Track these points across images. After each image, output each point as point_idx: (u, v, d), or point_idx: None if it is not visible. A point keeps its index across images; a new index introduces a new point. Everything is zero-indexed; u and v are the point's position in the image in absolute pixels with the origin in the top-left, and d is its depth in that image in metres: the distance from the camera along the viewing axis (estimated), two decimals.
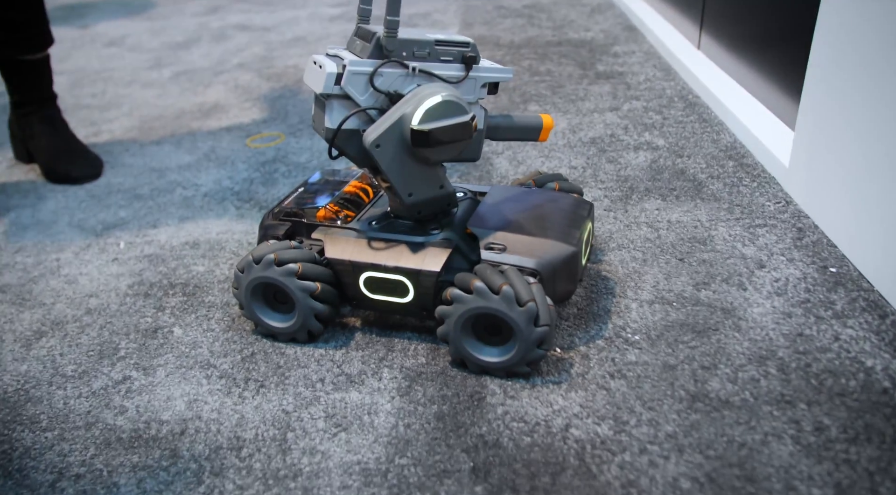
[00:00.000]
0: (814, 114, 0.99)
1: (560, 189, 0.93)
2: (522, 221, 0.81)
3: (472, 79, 0.77)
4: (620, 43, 1.85)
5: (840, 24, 0.91)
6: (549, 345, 0.74)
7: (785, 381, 0.72)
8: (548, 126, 0.84)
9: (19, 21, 1.24)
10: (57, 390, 0.80)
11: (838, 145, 0.92)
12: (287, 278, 0.79)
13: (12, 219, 1.20)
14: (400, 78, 0.75)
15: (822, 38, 0.96)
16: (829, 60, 0.94)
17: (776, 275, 0.89)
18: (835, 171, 0.93)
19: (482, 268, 0.74)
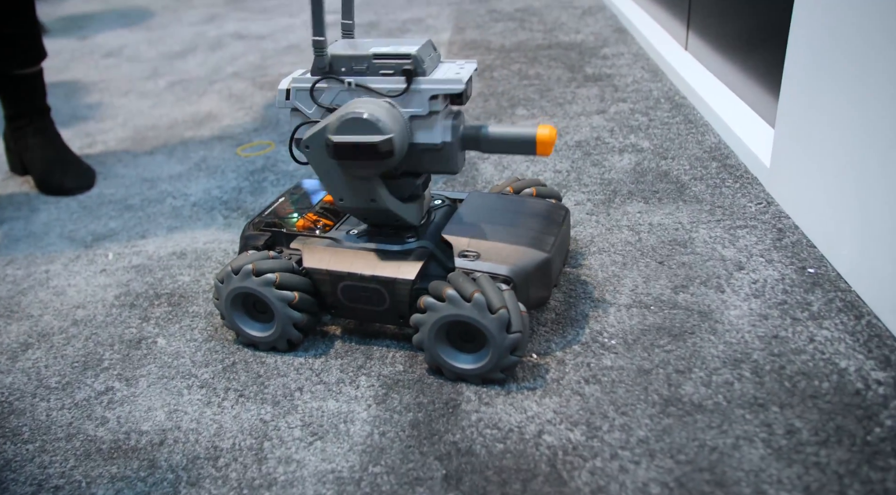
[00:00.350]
0: (792, 112, 0.99)
1: (538, 195, 0.93)
2: (497, 228, 0.82)
3: (417, 92, 0.76)
4: (610, 45, 1.85)
5: (814, 20, 0.91)
6: (523, 351, 0.74)
7: (758, 384, 0.73)
8: (544, 140, 0.76)
9: (12, 36, 1.26)
10: (40, 402, 0.81)
11: (817, 144, 0.92)
12: (265, 288, 0.80)
13: (5, 231, 1.21)
14: (341, 92, 0.77)
15: (798, 34, 0.96)
16: (805, 57, 0.94)
17: (754, 277, 0.89)
18: (814, 171, 0.93)
19: (455, 276, 0.75)
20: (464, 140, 0.79)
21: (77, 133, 1.63)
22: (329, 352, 0.84)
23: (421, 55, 0.75)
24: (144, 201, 1.26)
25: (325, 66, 0.77)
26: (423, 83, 0.75)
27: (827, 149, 0.90)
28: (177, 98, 1.81)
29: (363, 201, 0.80)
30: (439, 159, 0.79)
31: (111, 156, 1.48)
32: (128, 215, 1.22)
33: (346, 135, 0.74)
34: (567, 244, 0.88)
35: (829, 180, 0.90)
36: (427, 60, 0.76)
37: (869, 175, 0.81)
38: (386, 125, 0.73)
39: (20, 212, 1.27)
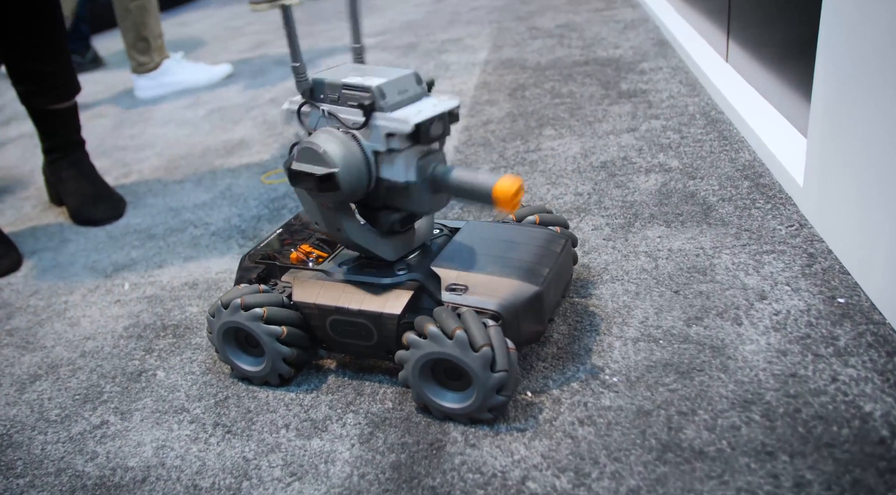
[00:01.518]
0: (825, 125, 0.91)
1: (542, 222, 0.89)
2: (489, 259, 0.78)
3: (376, 127, 0.73)
4: (649, 59, 1.79)
5: (843, 33, 0.84)
6: (510, 390, 0.70)
7: (769, 429, 0.66)
8: (501, 194, 0.70)
9: (46, 73, 1.31)
10: (38, 435, 0.82)
11: (852, 159, 0.85)
12: (253, 323, 0.79)
13: (35, 261, 1.25)
14: (320, 118, 0.77)
15: (828, 45, 0.89)
16: (838, 66, 0.87)
17: (777, 308, 0.82)
18: (849, 189, 0.86)
19: (439, 312, 0.72)
20: (433, 181, 0.75)
21: (116, 163, 1.68)
22: (321, 387, 0.82)
23: (384, 89, 0.72)
24: (167, 230, 1.28)
25: (305, 92, 0.77)
26: (379, 119, 0.73)
27: (862, 164, 0.82)
28: (213, 126, 1.84)
29: (332, 230, 0.79)
30: (407, 198, 0.76)
31: (143, 185, 1.51)
32: (149, 244, 1.24)
33: (301, 163, 0.74)
34: (568, 274, 0.84)
35: (864, 199, 0.82)
36: (394, 95, 0.73)
37: None
38: (332, 159, 0.72)
39: (52, 243, 1.31)
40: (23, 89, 1.31)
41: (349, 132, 0.74)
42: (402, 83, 0.74)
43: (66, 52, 1.34)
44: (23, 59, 1.28)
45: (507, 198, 0.70)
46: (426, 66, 2.07)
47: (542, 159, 1.32)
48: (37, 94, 1.31)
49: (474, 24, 2.53)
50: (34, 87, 1.30)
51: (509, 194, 0.70)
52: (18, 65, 1.29)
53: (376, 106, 0.73)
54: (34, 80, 1.30)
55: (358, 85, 0.74)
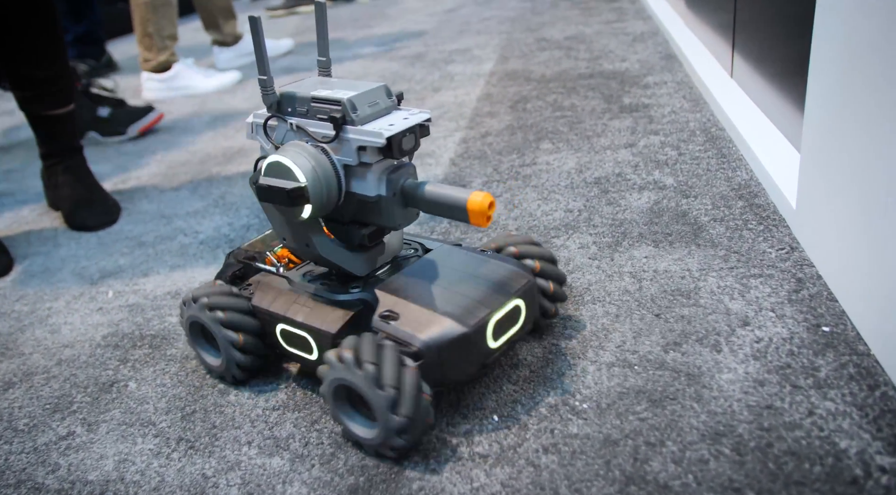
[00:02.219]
0: (819, 146, 0.89)
1: (521, 255, 0.83)
2: (435, 290, 0.75)
3: (346, 141, 0.72)
4: (655, 73, 1.77)
5: (835, 50, 0.82)
6: (413, 437, 0.67)
7: (738, 464, 0.64)
8: (475, 207, 0.68)
9: (43, 78, 1.32)
10: (3, 444, 0.81)
11: (846, 183, 0.82)
12: (214, 324, 0.81)
13: (25, 266, 1.25)
14: (288, 132, 0.76)
15: (819, 61, 0.86)
16: (832, 78, 0.84)
17: (759, 335, 0.79)
18: (841, 213, 0.83)
19: (363, 338, 0.69)
20: (404, 195, 0.74)
21: (116, 168, 1.68)
22: (289, 404, 0.80)
23: (355, 102, 0.71)
24: (157, 238, 1.28)
25: (272, 105, 0.76)
26: (350, 133, 0.71)
27: (855, 188, 0.79)
28: (215, 133, 1.85)
29: (300, 245, 0.77)
30: (377, 212, 0.75)
31: (140, 191, 1.51)
32: (138, 252, 1.24)
33: (269, 178, 0.72)
34: (528, 315, 0.77)
35: (855, 224, 0.79)
36: (365, 108, 0.72)
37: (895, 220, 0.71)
38: (301, 173, 0.71)
39: (44, 247, 1.31)
40: (20, 95, 1.32)
41: (318, 145, 0.73)
42: (372, 96, 0.73)
43: (63, 58, 1.34)
44: (20, 64, 1.28)
45: (480, 213, 0.68)
46: (431, 76, 2.07)
47: (535, 174, 1.30)
48: (34, 100, 1.32)
49: (484, 34, 2.52)
50: (31, 93, 1.31)
51: (482, 209, 0.68)
52: (16, 70, 1.29)
53: (347, 119, 0.71)
54: (31, 85, 1.31)
55: (328, 98, 0.72)
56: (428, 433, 0.72)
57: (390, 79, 2.11)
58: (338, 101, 0.71)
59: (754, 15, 1.37)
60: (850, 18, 0.77)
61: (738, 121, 1.32)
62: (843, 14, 0.79)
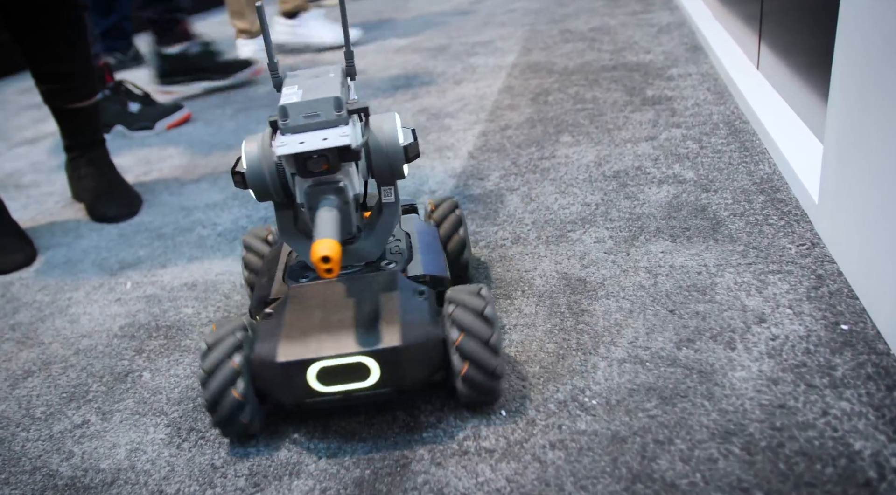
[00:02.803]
0: (842, 140, 0.86)
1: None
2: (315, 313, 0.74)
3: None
4: (679, 65, 1.74)
5: (860, 43, 0.79)
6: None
7: (747, 464, 0.62)
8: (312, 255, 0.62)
9: (67, 72, 1.34)
10: (21, 432, 0.83)
11: (870, 178, 0.80)
12: None
13: (48, 257, 1.28)
14: None
15: (844, 49, 0.84)
16: (856, 70, 0.82)
17: (775, 333, 0.78)
18: (864, 209, 0.80)
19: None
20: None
21: (140, 160, 1.71)
22: None
23: (289, 110, 0.70)
24: (176, 230, 1.29)
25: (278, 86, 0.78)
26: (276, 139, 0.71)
27: (879, 183, 0.77)
28: (238, 125, 1.86)
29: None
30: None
31: (161, 183, 1.53)
32: (157, 244, 1.25)
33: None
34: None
35: (878, 220, 0.77)
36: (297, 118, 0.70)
37: None
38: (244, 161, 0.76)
39: (66, 239, 1.34)
40: (44, 88, 1.34)
41: None
42: (315, 107, 0.70)
43: (86, 52, 1.36)
44: (44, 59, 1.30)
45: (315, 260, 0.62)
46: (453, 68, 2.06)
47: (554, 167, 1.29)
48: (57, 94, 1.34)
49: (508, 26, 2.50)
50: (55, 87, 1.33)
51: (315, 257, 0.62)
52: (40, 65, 1.31)
53: (279, 125, 0.71)
54: (55, 79, 1.32)
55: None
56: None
57: (412, 71, 2.10)
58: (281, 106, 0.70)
59: (782, 5, 1.34)
60: (876, 7, 0.75)
61: (762, 113, 1.29)
62: (868, 3, 0.77)
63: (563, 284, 0.93)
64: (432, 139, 1.53)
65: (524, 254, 1.02)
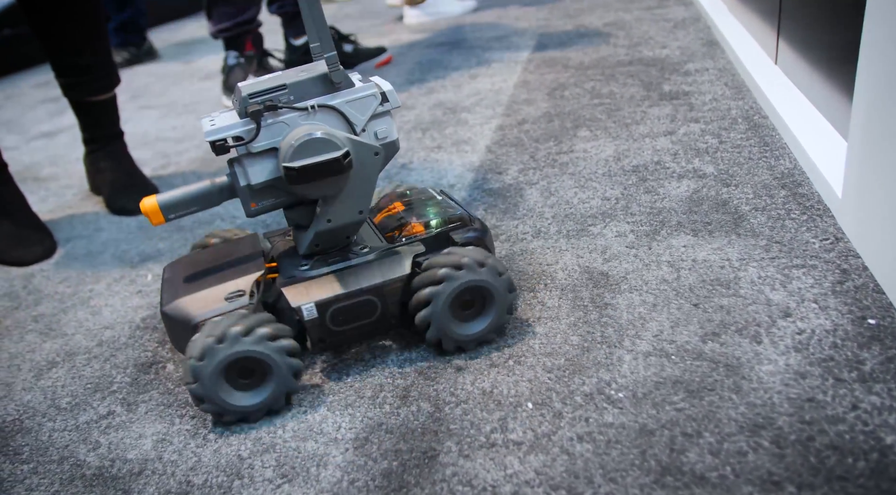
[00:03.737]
0: (868, 132, 0.86)
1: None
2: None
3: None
4: (696, 59, 1.73)
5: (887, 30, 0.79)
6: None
7: (777, 457, 0.62)
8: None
9: (86, 65, 1.34)
10: (47, 422, 0.83)
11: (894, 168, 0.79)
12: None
13: (69, 249, 1.28)
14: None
15: (870, 42, 0.83)
16: (882, 68, 0.81)
17: (801, 327, 0.77)
18: (891, 202, 0.80)
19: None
20: None
21: (157, 154, 1.71)
22: (323, 387, 0.81)
23: None
24: (195, 222, 1.29)
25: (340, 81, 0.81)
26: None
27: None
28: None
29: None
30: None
31: (179, 177, 1.54)
32: (177, 236, 1.25)
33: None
34: None
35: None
36: None
37: None
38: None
39: (86, 231, 1.34)
40: (63, 81, 1.35)
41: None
42: None
43: (105, 45, 1.37)
44: (63, 52, 1.31)
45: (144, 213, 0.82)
46: (468, 63, 2.05)
47: (572, 161, 1.28)
48: (76, 86, 1.35)
49: (522, 20, 2.49)
50: (74, 80, 1.34)
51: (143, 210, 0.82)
52: (59, 58, 1.32)
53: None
54: (74, 72, 1.33)
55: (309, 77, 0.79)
56: None
57: (427, 66, 2.10)
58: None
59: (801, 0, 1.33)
60: None
61: (782, 108, 1.28)
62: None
63: (586, 278, 0.93)
64: (449, 133, 1.53)
65: (545, 248, 1.02)
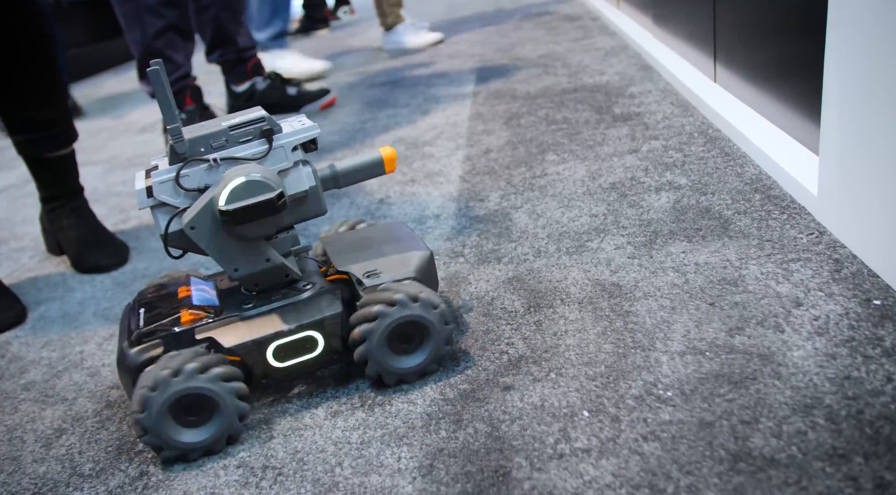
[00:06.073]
0: (838, 134, 0.94)
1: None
2: (370, 250, 0.92)
3: (280, 148, 0.82)
4: (636, 83, 1.83)
5: (851, 35, 0.87)
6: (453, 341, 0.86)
7: (836, 432, 0.66)
8: (389, 157, 0.89)
9: (44, 121, 1.29)
10: (74, 491, 0.78)
11: (869, 165, 0.87)
12: (214, 383, 0.77)
13: (41, 312, 1.21)
14: (207, 172, 0.80)
15: (835, 54, 0.92)
16: (845, 75, 0.90)
17: (815, 313, 0.83)
18: (868, 194, 0.88)
19: (392, 286, 0.83)
20: (324, 181, 0.88)
21: (112, 209, 1.65)
22: (368, 422, 0.80)
23: (267, 115, 0.82)
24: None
25: (184, 152, 0.80)
26: (283, 138, 0.82)
27: (882, 169, 0.84)
28: None
29: (260, 263, 0.83)
30: (308, 205, 0.85)
31: (145, 229, 1.48)
32: None
33: (237, 202, 0.77)
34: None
35: (887, 202, 0.84)
36: (273, 120, 0.83)
37: None
38: (273, 180, 0.79)
39: (56, 293, 1.27)
40: (21, 139, 1.29)
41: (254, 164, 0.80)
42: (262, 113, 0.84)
43: (64, 98, 1.32)
44: (21, 107, 1.26)
45: (393, 160, 0.90)
46: (415, 100, 2.09)
47: (550, 184, 1.33)
48: (36, 143, 1.29)
49: (456, 57, 2.56)
50: (33, 136, 1.28)
51: (394, 156, 0.90)
52: (15, 114, 1.26)
53: (275, 129, 0.82)
54: (33, 128, 1.27)
55: (247, 120, 0.81)
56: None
57: (375, 104, 2.13)
58: (261, 117, 0.82)
59: (732, 23, 1.44)
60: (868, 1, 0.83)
61: (733, 121, 1.38)
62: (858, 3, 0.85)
63: (599, 290, 0.96)
64: (418, 166, 1.55)
65: (550, 266, 1.05)
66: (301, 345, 0.83)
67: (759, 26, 1.32)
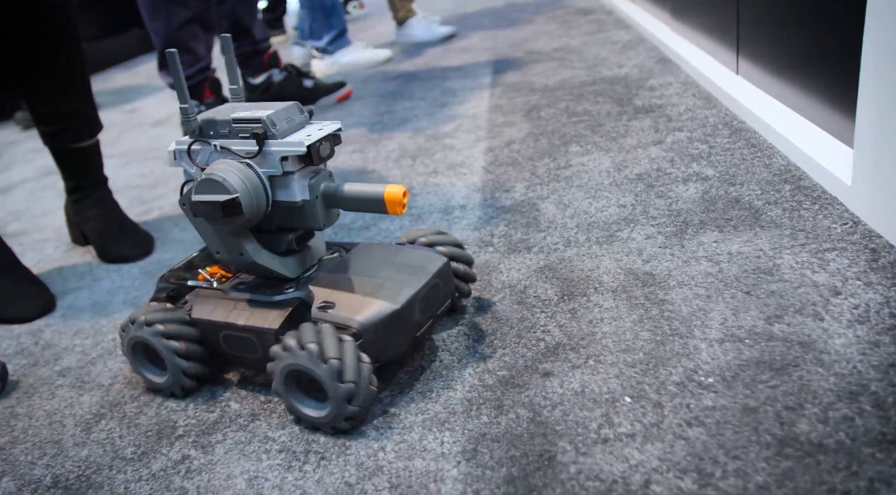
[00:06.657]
0: (873, 125, 0.94)
1: (431, 244, 0.93)
2: (362, 279, 0.84)
3: (270, 153, 0.80)
4: (655, 76, 1.83)
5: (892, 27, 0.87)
6: (360, 402, 0.75)
7: (883, 419, 0.66)
8: (392, 198, 0.78)
9: (70, 112, 1.29)
10: (117, 474, 0.78)
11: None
12: (155, 338, 0.86)
13: (70, 301, 1.22)
14: (212, 154, 0.82)
15: (873, 45, 0.92)
16: (884, 67, 0.90)
17: (854, 302, 0.83)
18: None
19: (302, 327, 0.77)
20: (325, 198, 0.82)
21: (133, 201, 1.65)
22: (409, 407, 0.80)
23: (273, 119, 0.79)
24: None
25: (195, 130, 0.82)
26: (272, 146, 0.79)
27: None
28: None
29: (234, 255, 0.83)
30: (303, 216, 0.83)
31: (168, 221, 1.49)
32: None
33: (202, 194, 0.78)
34: (445, 293, 0.87)
35: None
36: (282, 123, 0.80)
37: None
38: (232, 185, 0.77)
39: (83, 282, 1.28)
40: (46, 130, 1.29)
41: (244, 161, 0.80)
42: (288, 113, 0.82)
43: (88, 90, 1.32)
44: (46, 99, 1.26)
45: (396, 203, 0.78)
46: (432, 93, 2.09)
47: (575, 175, 1.33)
48: (61, 134, 1.29)
49: (470, 51, 2.56)
50: (58, 127, 1.28)
51: (398, 199, 0.78)
52: (42, 106, 1.26)
53: (269, 134, 0.79)
54: (58, 119, 1.28)
55: (248, 117, 0.80)
56: (375, 401, 0.81)
57: (390, 98, 2.13)
58: (258, 120, 0.79)
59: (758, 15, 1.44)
60: None
61: (759, 112, 1.38)
62: None
63: (632, 279, 0.97)
64: (440, 158, 1.55)
65: (581, 256, 1.05)
66: (245, 344, 0.84)
67: (786, 18, 1.31)
